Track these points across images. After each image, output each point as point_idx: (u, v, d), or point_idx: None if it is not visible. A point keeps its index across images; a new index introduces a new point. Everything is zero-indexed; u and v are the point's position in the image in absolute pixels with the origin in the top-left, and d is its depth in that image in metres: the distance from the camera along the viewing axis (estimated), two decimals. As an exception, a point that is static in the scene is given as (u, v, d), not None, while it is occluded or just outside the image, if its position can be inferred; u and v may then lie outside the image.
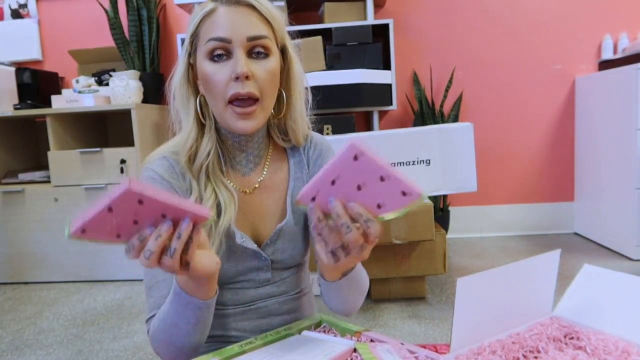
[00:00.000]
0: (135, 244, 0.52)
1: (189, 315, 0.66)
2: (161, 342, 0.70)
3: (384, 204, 0.55)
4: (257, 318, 0.82)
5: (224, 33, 0.69)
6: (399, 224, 1.80)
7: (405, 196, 0.54)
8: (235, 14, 0.70)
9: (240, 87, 0.69)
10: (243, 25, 0.69)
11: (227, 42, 0.69)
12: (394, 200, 0.54)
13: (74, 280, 2.48)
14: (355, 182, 0.54)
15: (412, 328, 1.72)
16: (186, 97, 0.76)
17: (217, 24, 0.70)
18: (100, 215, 0.49)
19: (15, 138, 2.74)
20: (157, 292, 0.72)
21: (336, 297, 0.78)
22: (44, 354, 1.68)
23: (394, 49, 2.52)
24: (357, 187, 0.54)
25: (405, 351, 0.66)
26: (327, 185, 0.54)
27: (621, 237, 2.39)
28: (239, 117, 0.72)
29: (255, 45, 0.71)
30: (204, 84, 0.73)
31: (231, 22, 0.69)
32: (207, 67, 0.71)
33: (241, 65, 0.68)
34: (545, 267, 0.72)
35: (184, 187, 0.75)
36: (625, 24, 2.73)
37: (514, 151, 2.87)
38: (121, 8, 2.74)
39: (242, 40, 0.69)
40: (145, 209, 0.50)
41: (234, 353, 0.67)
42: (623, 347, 0.64)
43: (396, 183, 0.54)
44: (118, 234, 0.52)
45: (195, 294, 0.64)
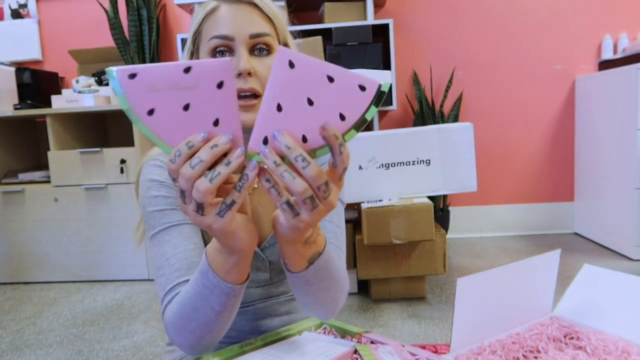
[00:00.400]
0: (183, 151, 0.45)
1: (214, 301, 0.58)
2: (178, 328, 0.63)
3: (345, 111, 0.46)
4: (255, 319, 0.82)
5: (226, 31, 0.69)
6: (399, 224, 1.81)
7: (365, 91, 0.46)
8: (237, 11, 0.70)
9: (243, 82, 0.69)
10: (245, 23, 0.70)
11: (230, 40, 0.69)
12: (354, 101, 0.46)
13: (74, 280, 2.48)
14: (303, 97, 0.45)
15: (412, 328, 1.72)
16: None
17: (219, 22, 0.70)
18: (169, 70, 0.43)
19: (15, 138, 2.74)
20: (168, 269, 0.67)
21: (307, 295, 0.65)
22: (44, 354, 1.68)
23: (394, 49, 2.52)
24: (308, 101, 0.46)
25: (406, 353, 0.66)
26: (274, 116, 0.45)
27: (621, 237, 2.39)
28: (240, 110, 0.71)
29: (258, 42, 0.71)
30: None
31: (233, 19, 0.70)
32: None
33: (244, 62, 0.69)
34: (545, 267, 0.72)
35: None
36: (625, 24, 2.73)
37: (514, 151, 2.87)
38: (121, 8, 2.74)
39: (244, 37, 0.70)
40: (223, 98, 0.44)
41: (234, 353, 0.67)
42: (623, 347, 0.64)
43: (349, 78, 0.46)
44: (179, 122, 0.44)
45: (224, 274, 0.56)
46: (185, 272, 0.66)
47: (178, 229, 0.70)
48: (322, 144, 0.47)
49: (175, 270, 0.66)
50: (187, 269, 0.66)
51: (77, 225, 2.44)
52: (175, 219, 0.71)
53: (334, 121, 0.46)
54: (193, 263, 0.67)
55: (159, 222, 0.71)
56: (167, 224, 0.71)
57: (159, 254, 0.69)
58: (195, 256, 0.68)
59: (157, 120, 0.45)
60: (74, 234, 2.45)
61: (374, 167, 1.91)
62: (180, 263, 0.67)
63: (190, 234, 0.71)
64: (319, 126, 0.45)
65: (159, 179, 0.73)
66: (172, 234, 0.70)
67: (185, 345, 0.64)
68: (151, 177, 0.73)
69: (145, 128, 0.45)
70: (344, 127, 0.46)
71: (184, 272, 0.66)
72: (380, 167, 1.91)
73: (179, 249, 0.68)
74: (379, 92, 0.46)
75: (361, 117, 0.46)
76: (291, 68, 0.45)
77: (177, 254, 0.68)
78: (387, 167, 1.91)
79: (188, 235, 0.70)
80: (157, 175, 0.73)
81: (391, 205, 1.82)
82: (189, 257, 0.68)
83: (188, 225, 0.71)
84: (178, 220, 0.71)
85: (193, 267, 0.67)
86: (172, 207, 0.71)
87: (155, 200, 0.72)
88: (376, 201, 1.90)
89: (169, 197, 0.72)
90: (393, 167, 1.91)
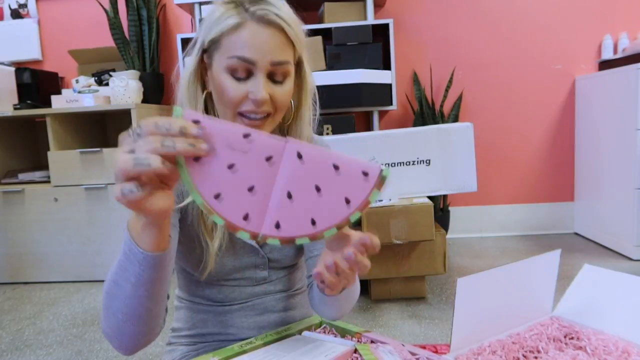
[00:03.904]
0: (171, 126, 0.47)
1: (130, 271, 0.56)
2: (105, 312, 0.60)
3: (350, 196, 0.51)
4: (254, 315, 0.82)
5: (249, 54, 0.67)
6: (399, 224, 1.80)
7: (368, 176, 0.50)
8: (263, 35, 0.67)
9: (256, 106, 0.69)
10: (269, 49, 0.68)
11: (251, 64, 0.68)
12: (358, 187, 0.50)
13: (74, 280, 2.48)
14: (311, 185, 0.50)
15: (412, 328, 1.72)
16: (194, 94, 0.75)
17: (243, 42, 0.67)
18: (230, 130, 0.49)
19: (15, 138, 2.74)
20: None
21: (332, 308, 0.76)
22: (44, 354, 1.68)
23: (394, 49, 2.52)
24: (316, 188, 0.50)
25: (406, 352, 0.66)
26: (285, 203, 0.50)
27: (621, 237, 2.39)
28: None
29: (277, 70, 0.70)
30: (217, 92, 0.72)
31: (258, 43, 0.67)
32: (225, 81, 0.69)
33: (261, 91, 0.68)
34: (545, 267, 0.72)
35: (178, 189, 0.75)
36: (625, 24, 2.72)
37: (514, 151, 2.87)
38: (121, 8, 2.74)
39: (265, 64, 0.68)
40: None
41: (234, 353, 0.67)
42: (623, 347, 0.64)
43: (353, 165, 0.50)
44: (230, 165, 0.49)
45: (137, 238, 0.54)
46: None
47: None
48: (329, 226, 0.51)
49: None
50: None
51: (77, 225, 2.44)
52: None
53: (340, 205, 0.50)
54: None
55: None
56: None
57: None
58: None
59: (199, 167, 0.48)
60: (74, 234, 2.45)
61: (374, 167, 1.91)
62: None
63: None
64: (326, 210, 0.50)
65: None
66: None
67: (111, 335, 0.61)
68: None
69: (184, 167, 0.48)
70: (349, 211, 0.51)
71: None
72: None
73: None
74: (381, 177, 0.50)
75: (365, 200, 0.51)
76: (300, 159, 0.49)
77: None
78: (387, 167, 1.91)
79: None
80: None
81: (391, 205, 1.82)
82: None
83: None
84: None
85: None
86: None
87: None
88: (376, 201, 1.90)
89: None
90: (393, 167, 1.91)
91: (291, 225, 0.50)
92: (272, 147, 0.49)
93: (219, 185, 0.49)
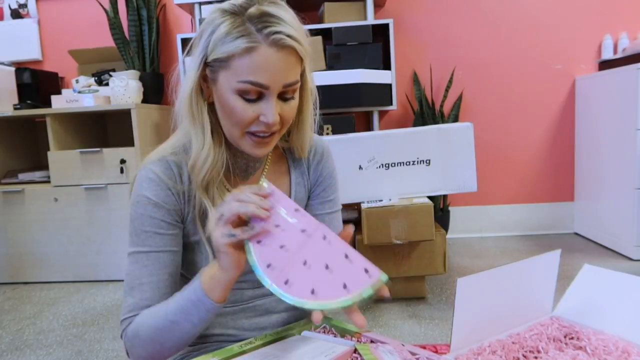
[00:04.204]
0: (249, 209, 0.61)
1: (195, 317, 0.66)
2: (147, 340, 0.69)
3: (349, 283, 0.58)
4: (255, 316, 0.82)
5: (263, 80, 0.66)
6: (399, 224, 1.80)
7: (368, 274, 0.58)
8: (277, 59, 0.66)
9: (265, 127, 0.69)
10: (282, 72, 0.67)
11: (264, 88, 0.67)
12: (358, 279, 0.58)
13: (74, 280, 2.48)
14: (324, 262, 0.59)
15: (412, 328, 1.72)
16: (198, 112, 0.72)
17: (257, 66, 0.65)
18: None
19: (15, 138, 2.74)
20: (139, 294, 0.71)
21: None
22: (44, 354, 1.68)
23: (394, 49, 2.52)
24: (326, 265, 0.59)
25: (406, 352, 0.66)
26: (299, 267, 0.59)
27: (621, 237, 2.39)
28: (256, 145, 0.72)
29: (287, 90, 0.69)
30: (225, 111, 0.70)
31: (273, 68, 0.66)
32: (235, 102, 0.68)
33: (273, 115, 0.68)
34: (545, 267, 0.72)
35: (181, 190, 0.75)
36: (625, 24, 2.72)
37: (514, 151, 2.87)
38: (121, 8, 2.74)
39: (278, 87, 0.67)
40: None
41: (234, 353, 0.67)
42: (623, 347, 0.64)
43: (361, 261, 0.59)
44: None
45: (211, 292, 0.65)
46: (154, 303, 0.71)
47: (158, 256, 0.72)
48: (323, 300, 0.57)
49: (145, 299, 0.71)
50: (158, 300, 0.71)
51: (77, 225, 2.44)
52: (157, 244, 0.73)
53: (338, 287, 0.58)
54: (164, 294, 0.72)
55: (141, 242, 0.72)
56: (149, 249, 0.72)
57: (133, 273, 0.72)
58: (167, 287, 0.73)
59: (261, 247, 0.62)
60: (74, 234, 2.45)
61: (374, 167, 1.91)
62: (152, 292, 0.71)
63: (168, 264, 0.73)
64: (327, 286, 0.58)
65: (153, 198, 0.73)
66: (151, 259, 0.72)
67: (146, 357, 0.71)
68: (144, 193, 0.73)
69: (249, 244, 0.62)
70: (344, 294, 0.57)
71: (154, 302, 0.71)
72: (380, 167, 1.91)
73: (154, 277, 0.72)
74: (379, 280, 0.57)
75: (359, 292, 0.57)
76: (323, 240, 0.60)
77: (152, 282, 0.72)
78: (387, 167, 1.91)
79: (165, 264, 0.73)
80: (151, 193, 0.73)
81: (391, 205, 1.82)
82: (162, 287, 0.72)
83: (167, 253, 0.73)
84: (160, 247, 0.73)
85: (162, 297, 0.71)
86: (157, 229, 0.73)
87: (143, 218, 0.73)
88: (376, 201, 1.90)
89: (155, 218, 0.72)
90: (393, 167, 1.91)
91: (296, 287, 0.59)
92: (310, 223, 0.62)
93: (281, 259, 0.61)
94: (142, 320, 0.69)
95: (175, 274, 0.75)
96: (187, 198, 0.75)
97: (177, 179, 0.75)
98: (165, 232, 0.73)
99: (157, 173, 0.73)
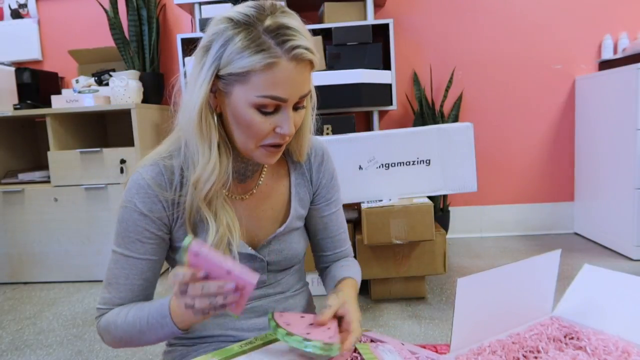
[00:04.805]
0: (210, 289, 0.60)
1: (160, 334, 0.71)
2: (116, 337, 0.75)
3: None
4: (254, 317, 0.82)
5: (283, 94, 0.66)
6: (399, 224, 1.80)
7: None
8: (295, 73, 0.66)
9: (281, 138, 0.70)
10: (300, 85, 0.67)
11: (283, 102, 0.67)
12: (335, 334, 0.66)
13: (74, 280, 2.48)
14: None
15: (412, 328, 1.72)
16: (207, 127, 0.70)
17: (278, 81, 0.65)
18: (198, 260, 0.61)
19: (15, 138, 2.74)
20: (115, 292, 0.76)
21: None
22: (44, 354, 1.68)
23: (394, 49, 2.52)
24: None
25: (406, 351, 0.66)
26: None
27: (621, 237, 2.39)
28: (270, 155, 0.73)
29: (301, 101, 0.70)
30: (241, 125, 0.69)
31: (292, 82, 0.66)
32: (252, 116, 0.67)
33: (290, 127, 0.69)
34: (545, 267, 0.72)
35: (169, 197, 0.74)
36: (625, 24, 2.72)
37: (514, 151, 2.87)
38: (121, 8, 2.74)
39: (295, 99, 0.68)
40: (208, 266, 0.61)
41: (233, 353, 0.67)
42: (623, 347, 0.64)
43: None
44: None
45: (177, 320, 0.69)
46: (128, 302, 0.77)
47: (136, 263, 0.75)
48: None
49: (119, 298, 0.76)
50: (129, 300, 0.77)
51: (77, 225, 2.44)
52: (138, 252, 0.75)
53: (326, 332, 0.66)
54: (137, 296, 0.77)
55: (124, 246, 0.75)
56: (129, 254, 0.75)
57: (112, 271, 0.77)
58: (141, 290, 0.77)
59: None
60: (74, 233, 2.45)
61: (374, 167, 1.91)
62: (126, 293, 0.76)
63: (145, 270, 0.76)
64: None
65: (139, 206, 0.73)
66: (130, 263, 0.75)
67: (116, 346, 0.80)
68: (133, 200, 0.74)
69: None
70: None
71: (126, 301, 0.76)
72: (380, 167, 1.91)
73: (130, 280, 0.76)
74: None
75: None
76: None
77: (127, 284, 0.76)
78: (387, 167, 1.91)
79: (142, 271, 0.76)
80: (139, 201, 0.73)
81: (391, 205, 1.82)
82: (135, 290, 0.77)
83: (146, 261, 0.76)
84: (140, 254, 0.75)
85: (135, 299, 0.77)
86: (140, 237, 0.75)
87: (128, 224, 0.74)
88: (376, 201, 1.90)
89: (140, 226, 0.74)
90: (393, 167, 1.91)
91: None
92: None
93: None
94: (113, 319, 0.74)
95: (152, 279, 0.78)
96: (176, 203, 0.75)
97: (167, 186, 0.75)
98: (147, 240, 0.75)
99: (147, 180, 0.74)
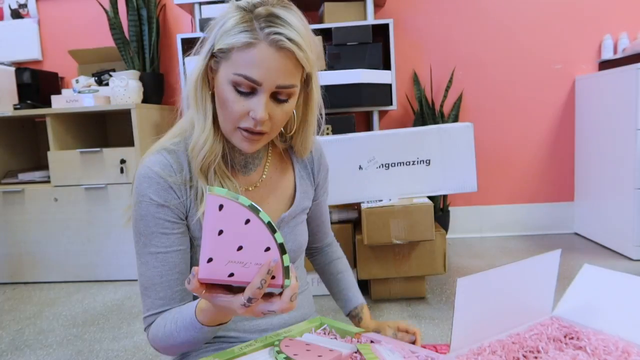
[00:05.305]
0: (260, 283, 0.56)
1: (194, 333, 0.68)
2: (163, 343, 0.74)
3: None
4: (255, 318, 0.82)
5: (256, 75, 0.67)
6: (399, 224, 1.80)
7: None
8: (273, 59, 0.67)
9: (254, 124, 0.70)
10: (277, 73, 0.68)
11: (257, 84, 0.68)
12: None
13: (74, 280, 2.48)
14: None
15: (412, 328, 1.72)
16: (202, 98, 0.74)
17: (253, 62, 0.67)
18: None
19: (15, 138, 2.74)
20: (154, 294, 0.75)
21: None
22: (44, 354, 1.68)
23: (394, 49, 2.52)
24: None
25: (406, 351, 0.66)
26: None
27: (621, 237, 2.39)
28: (244, 140, 0.73)
29: (282, 91, 0.70)
30: (220, 101, 0.72)
31: (267, 66, 0.67)
32: (228, 93, 0.70)
33: (262, 112, 0.69)
34: (545, 267, 0.72)
35: (180, 182, 0.75)
36: (625, 24, 2.72)
37: (514, 151, 2.87)
38: (121, 8, 2.74)
39: (271, 86, 0.68)
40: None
41: (234, 355, 0.67)
42: (623, 347, 0.64)
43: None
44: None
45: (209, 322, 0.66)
46: (169, 302, 0.75)
47: (166, 257, 0.74)
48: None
49: (160, 299, 0.74)
50: (170, 298, 0.75)
51: (77, 225, 2.44)
52: (164, 245, 0.74)
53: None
54: (176, 292, 0.75)
55: (149, 243, 0.74)
56: (157, 250, 0.74)
57: (145, 274, 0.74)
58: (178, 285, 0.75)
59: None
60: (74, 234, 2.45)
61: (374, 167, 1.91)
62: (165, 292, 0.74)
63: (177, 263, 0.75)
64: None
65: (155, 198, 0.73)
66: (160, 260, 0.74)
67: (165, 352, 0.77)
68: (146, 193, 0.73)
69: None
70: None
71: (167, 301, 0.75)
72: (380, 167, 1.91)
73: (165, 277, 0.74)
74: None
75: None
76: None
77: (163, 282, 0.74)
78: (387, 167, 1.91)
79: (175, 264, 0.75)
80: (153, 193, 0.73)
81: (391, 205, 1.82)
82: (173, 286, 0.75)
83: (175, 253, 0.75)
84: (167, 247, 0.74)
85: (176, 296, 0.75)
86: (162, 229, 0.74)
87: (147, 219, 0.73)
88: (376, 201, 1.90)
89: (160, 218, 0.73)
90: (393, 167, 1.91)
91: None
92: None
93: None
94: (157, 328, 0.74)
95: (185, 271, 0.76)
96: (188, 187, 0.76)
97: (176, 171, 0.75)
98: (170, 231, 0.74)
99: (156, 171, 0.74)
